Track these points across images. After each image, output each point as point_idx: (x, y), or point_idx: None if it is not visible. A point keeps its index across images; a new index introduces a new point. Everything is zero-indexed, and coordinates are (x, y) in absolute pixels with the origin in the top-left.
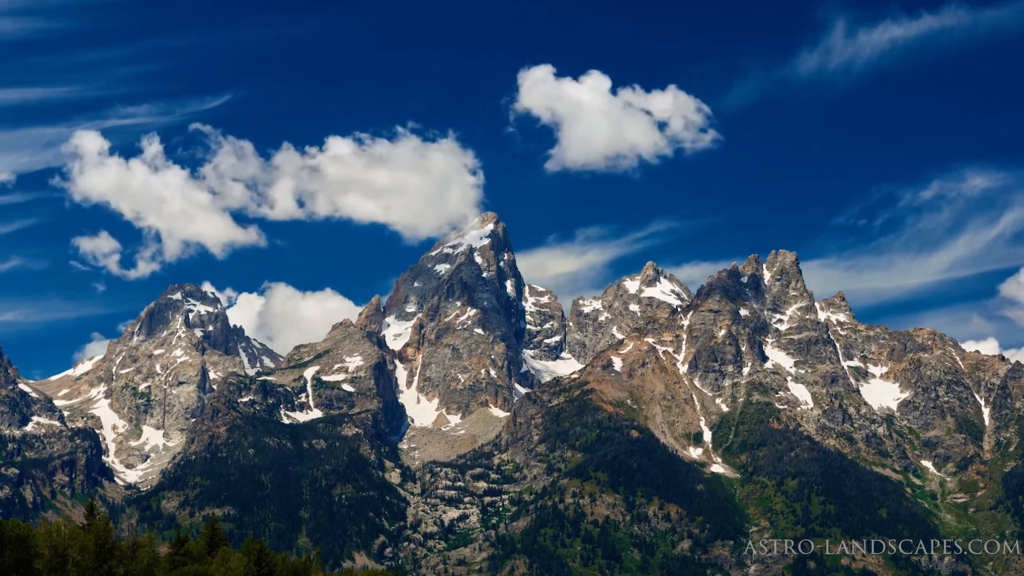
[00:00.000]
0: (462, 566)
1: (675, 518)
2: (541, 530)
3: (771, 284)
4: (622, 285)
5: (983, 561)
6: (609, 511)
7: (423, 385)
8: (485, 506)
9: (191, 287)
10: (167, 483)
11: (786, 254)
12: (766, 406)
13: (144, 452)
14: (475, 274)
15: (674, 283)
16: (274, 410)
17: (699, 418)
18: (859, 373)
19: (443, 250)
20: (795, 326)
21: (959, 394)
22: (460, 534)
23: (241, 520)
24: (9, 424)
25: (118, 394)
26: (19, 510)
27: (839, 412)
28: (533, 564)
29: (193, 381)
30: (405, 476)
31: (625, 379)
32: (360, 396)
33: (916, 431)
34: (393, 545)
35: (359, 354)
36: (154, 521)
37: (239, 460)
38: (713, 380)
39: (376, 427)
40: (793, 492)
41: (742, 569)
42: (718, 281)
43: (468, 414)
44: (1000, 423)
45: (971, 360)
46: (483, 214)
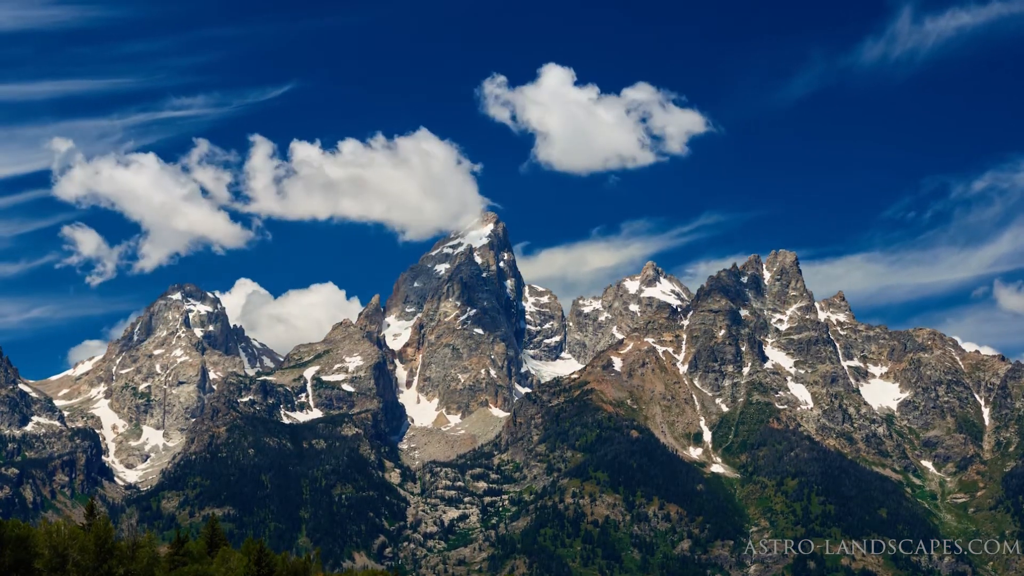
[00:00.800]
0: (462, 566)
1: (675, 518)
2: (541, 530)
3: (771, 284)
4: (622, 285)
5: (983, 561)
6: (609, 511)
7: (423, 385)
8: (485, 506)
9: (191, 287)
10: (167, 483)
11: (786, 254)
12: (766, 406)
13: (144, 452)
14: (475, 274)
15: (674, 283)
16: (274, 410)
17: (699, 418)
18: (859, 373)
19: (443, 250)
20: (795, 326)
21: (959, 394)
22: (460, 534)
23: (241, 520)
24: (9, 424)
25: (118, 394)
26: (19, 510)
27: (839, 412)
28: (533, 564)
29: (193, 381)
30: (405, 476)
31: (625, 379)
32: (360, 396)
33: (916, 431)
34: (393, 545)
35: (359, 354)
36: (154, 521)
37: (239, 460)
38: (713, 380)
39: (376, 427)
40: (793, 492)
41: (742, 569)
42: (718, 281)
43: (468, 414)
44: (1000, 423)
45: (971, 360)
46: (484, 214)
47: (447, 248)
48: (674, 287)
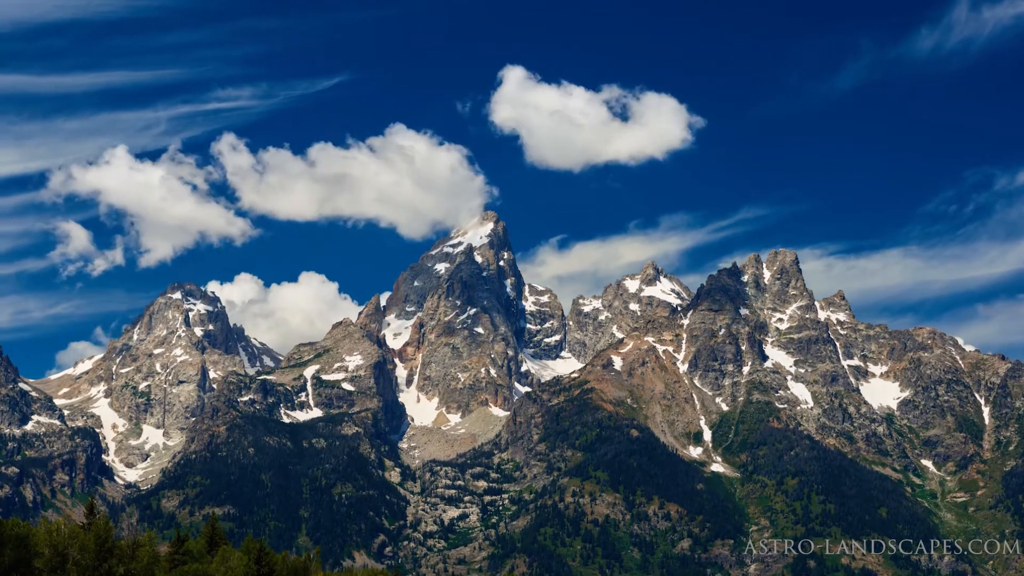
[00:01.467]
0: (462, 565)
1: (675, 517)
2: (541, 529)
3: (771, 283)
4: (622, 284)
5: (983, 560)
6: (609, 510)
7: (423, 384)
8: (485, 505)
9: (191, 286)
10: (167, 482)
11: (786, 253)
12: (766, 405)
13: (144, 451)
14: (475, 273)
15: (674, 282)
16: (274, 409)
17: (699, 417)
18: (859, 372)
19: (443, 249)
20: (795, 325)
21: (959, 393)
22: (460, 533)
23: (241, 519)
24: (9, 423)
25: (118, 393)
26: (19, 509)
27: (839, 411)
28: (533, 563)
29: (193, 380)
30: (405, 475)
31: (625, 378)
32: (360, 395)
33: (916, 430)
34: (393, 544)
35: (359, 353)
36: (154, 520)
37: (239, 459)
38: (713, 379)
39: (376, 426)
40: (793, 491)
41: (742, 568)
42: (718, 280)
43: (468, 413)
44: (1000, 422)
45: (971, 359)
46: (484, 213)
47: (447, 247)
48: (674, 286)
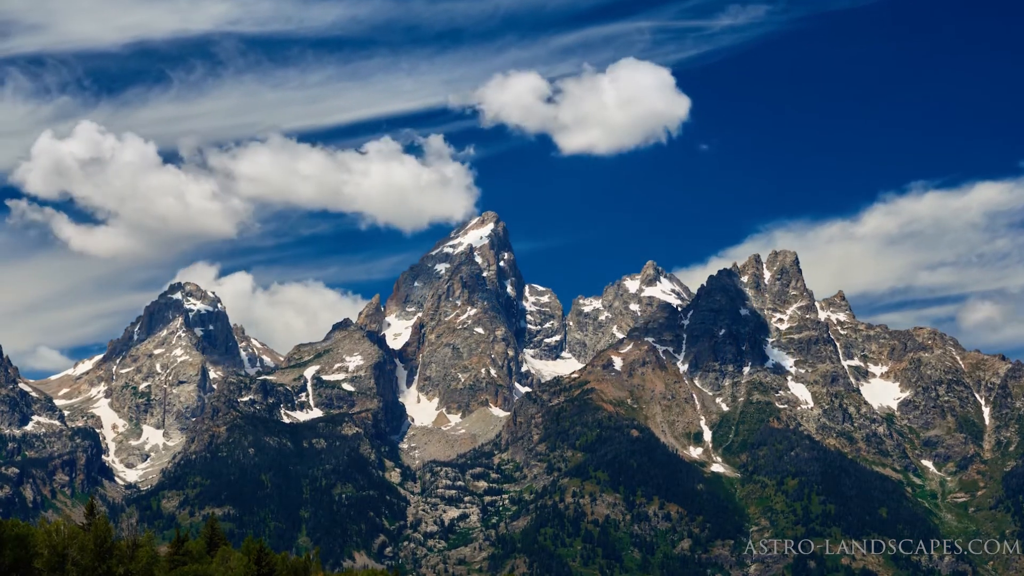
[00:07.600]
0: (462, 566)
1: (675, 517)
2: (541, 529)
3: (771, 283)
4: (622, 284)
5: (983, 561)
6: (609, 510)
7: (423, 384)
8: (485, 505)
9: (191, 286)
10: (167, 482)
11: (786, 253)
12: (766, 405)
13: (144, 451)
14: (475, 273)
15: (674, 282)
16: (274, 409)
17: (699, 417)
18: (859, 372)
19: (443, 249)
20: (795, 325)
21: (959, 393)
22: (460, 533)
23: (241, 520)
24: (9, 423)
25: (118, 393)
26: (19, 509)
27: (839, 411)
28: (533, 564)
29: (193, 380)
30: (405, 475)
31: (625, 378)
32: (360, 395)
33: (916, 430)
34: (393, 544)
35: (359, 353)
36: (154, 521)
37: (239, 460)
38: (713, 379)
39: (376, 426)
40: (793, 492)
41: (742, 569)
42: (718, 280)
43: (468, 413)
44: (1000, 422)
45: (971, 359)
46: (483, 213)
47: (447, 247)
48: (674, 286)
